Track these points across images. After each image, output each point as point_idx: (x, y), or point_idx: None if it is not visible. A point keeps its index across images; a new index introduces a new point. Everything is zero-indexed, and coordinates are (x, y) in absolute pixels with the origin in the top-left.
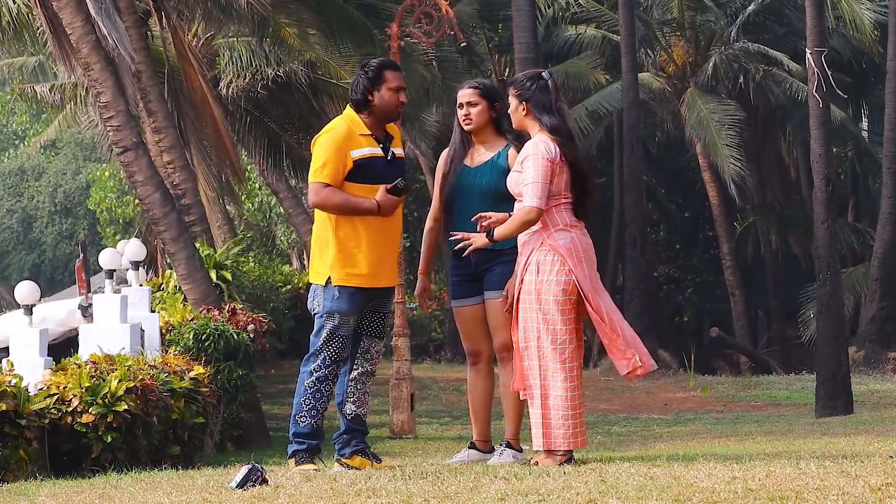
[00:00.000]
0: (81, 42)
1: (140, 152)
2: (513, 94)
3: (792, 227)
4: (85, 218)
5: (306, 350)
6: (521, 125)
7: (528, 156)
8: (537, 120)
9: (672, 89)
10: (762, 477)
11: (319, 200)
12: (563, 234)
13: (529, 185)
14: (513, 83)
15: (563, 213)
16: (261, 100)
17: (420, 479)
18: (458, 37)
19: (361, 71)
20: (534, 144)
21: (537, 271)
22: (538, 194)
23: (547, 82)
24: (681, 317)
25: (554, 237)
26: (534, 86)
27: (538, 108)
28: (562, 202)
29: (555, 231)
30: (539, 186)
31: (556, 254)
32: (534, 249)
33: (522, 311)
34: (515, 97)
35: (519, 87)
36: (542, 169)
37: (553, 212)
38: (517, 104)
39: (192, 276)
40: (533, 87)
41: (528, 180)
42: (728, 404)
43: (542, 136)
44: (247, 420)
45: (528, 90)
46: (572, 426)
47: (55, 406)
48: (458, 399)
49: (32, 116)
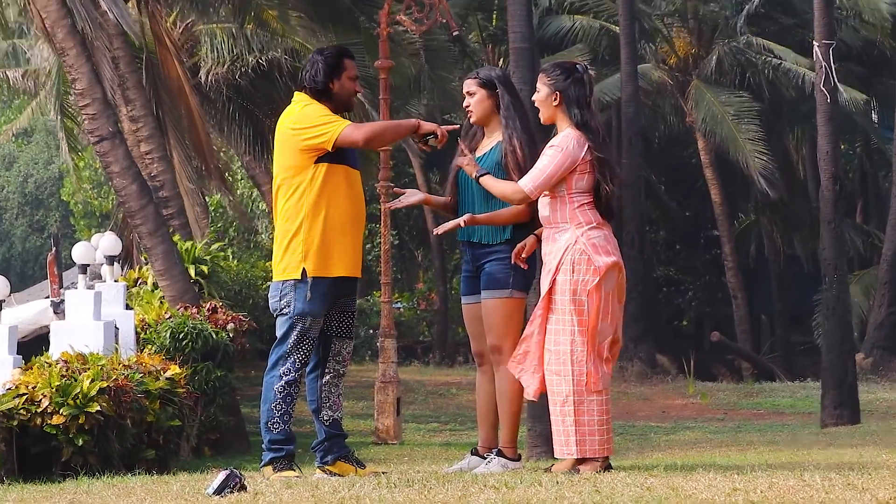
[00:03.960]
0: (56, 26)
1: (117, 142)
2: (545, 83)
3: (797, 228)
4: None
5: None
6: (551, 117)
7: (554, 146)
8: (568, 113)
9: (674, 82)
10: (764, 489)
11: (366, 133)
12: (597, 231)
13: (536, 170)
14: (544, 71)
15: (593, 211)
16: (243, 88)
17: (406, 488)
18: (450, 25)
19: (320, 57)
20: (563, 138)
21: (572, 270)
22: (537, 183)
23: (582, 76)
24: (680, 320)
25: (588, 234)
26: (569, 77)
27: (570, 102)
28: (591, 200)
29: (589, 229)
30: (543, 177)
31: (592, 252)
32: (568, 247)
33: (556, 312)
34: (548, 86)
35: (552, 77)
36: (558, 163)
37: (585, 209)
38: (548, 93)
39: (170, 271)
40: (568, 78)
41: (538, 166)
42: (729, 412)
43: (573, 133)
44: (225, 423)
45: (561, 81)
46: (606, 431)
47: (24, 406)
48: (446, 403)
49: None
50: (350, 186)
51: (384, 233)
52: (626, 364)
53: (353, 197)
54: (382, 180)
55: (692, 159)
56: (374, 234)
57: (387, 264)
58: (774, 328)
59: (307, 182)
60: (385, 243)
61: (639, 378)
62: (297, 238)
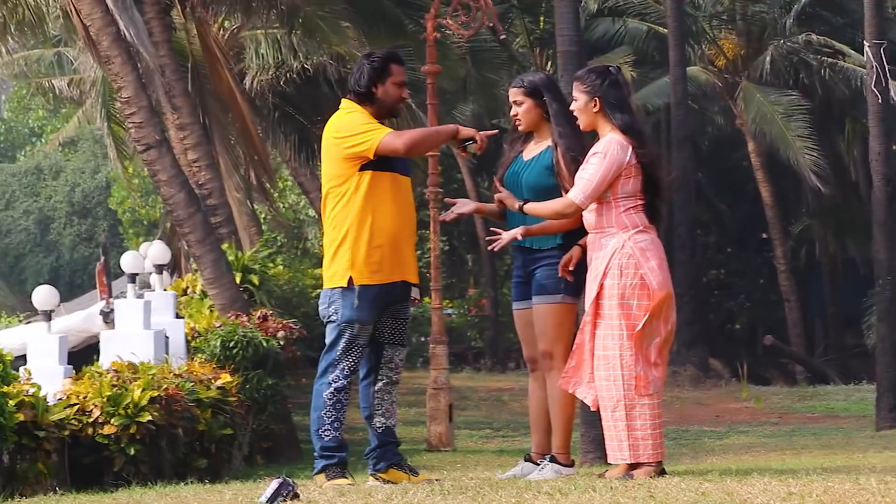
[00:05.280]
0: (101, 34)
1: (163, 150)
2: (581, 90)
3: (850, 230)
4: (105, 219)
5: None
6: (592, 123)
7: (598, 153)
8: (609, 118)
9: (723, 84)
10: (819, 493)
11: (407, 141)
12: (644, 235)
13: (583, 180)
14: (579, 78)
15: (639, 214)
16: (289, 94)
17: (460, 494)
18: (497, 29)
19: (366, 62)
20: (606, 143)
21: (620, 275)
22: (587, 193)
23: (617, 78)
24: (733, 324)
25: (635, 238)
26: (605, 82)
27: (610, 106)
28: (637, 204)
29: (635, 233)
30: (592, 186)
31: (640, 256)
32: (615, 252)
33: (604, 317)
34: (585, 93)
35: (588, 83)
36: (604, 170)
37: (631, 213)
38: (587, 101)
39: (219, 280)
40: (604, 83)
41: (584, 175)
42: (783, 416)
43: (616, 137)
44: (277, 432)
45: (598, 86)
46: (659, 435)
47: (75, 417)
48: (499, 410)
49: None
50: (398, 193)
51: (434, 239)
52: (679, 369)
53: (402, 204)
54: (431, 186)
55: (743, 162)
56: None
57: (437, 270)
58: (828, 331)
59: (353, 190)
60: (435, 249)
61: (692, 382)
62: (343, 246)
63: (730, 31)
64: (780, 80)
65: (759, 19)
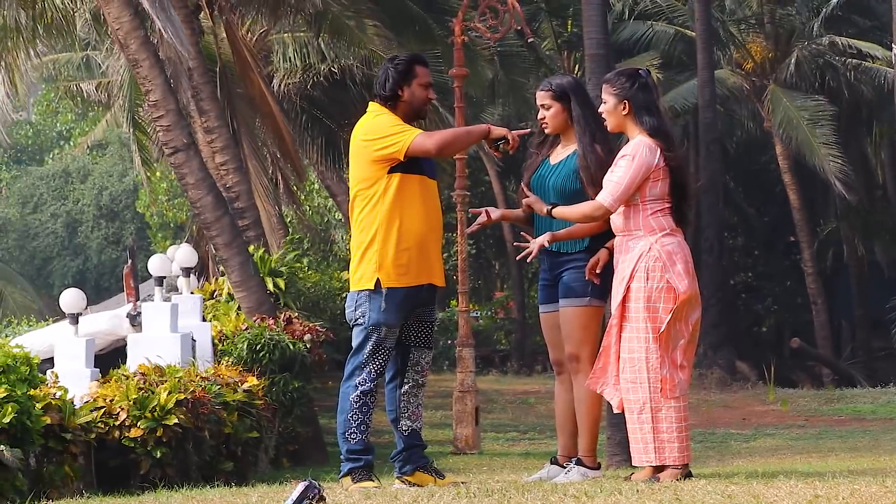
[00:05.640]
0: (129, 38)
1: (191, 153)
2: (611, 93)
3: (877, 233)
4: (132, 222)
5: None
6: (621, 126)
7: (626, 156)
8: (638, 121)
9: (750, 87)
10: (846, 496)
11: (438, 141)
12: (670, 238)
13: (612, 182)
14: (608, 81)
15: (666, 217)
16: (316, 97)
17: (486, 497)
18: (525, 32)
19: (390, 65)
20: (635, 146)
21: (646, 278)
22: (616, 195)
23: (647, 80)
24: (760, 327)
25: (662, 241)
26: (634, 84)
27: (639, 109)
28: (664, 207)
29: (662, 236)
30: (621, 189)
31: (666, 260)
32: (641, 255)
33: (630, 319)
34: (614, 96)
35: (618, 86)
36: (633, 173)
37: (658, 216)
38: (616, 103)
39: (246, 283)
40: (633, 85)
41: (613, 178)
42: (810, 419)
43: (645, 140)
44: (303, 435)
45: (628, 89)
46: (685, 438)
47: (102, 420)
48: (525, 413)
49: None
50: (426, 196)
51: (461, 242)
52: (706, 371)
53: (430, 206)
54: (458, 189)
55: (770, 165)
56: (450, 243)
57: (464, 273)
58: (855, 334)
59: (381, 192)
60: (462, 252)
61: (718, 385)
62: (371, 248)
63: (758, 35)
64: (806, 83)
65: (787, 22)
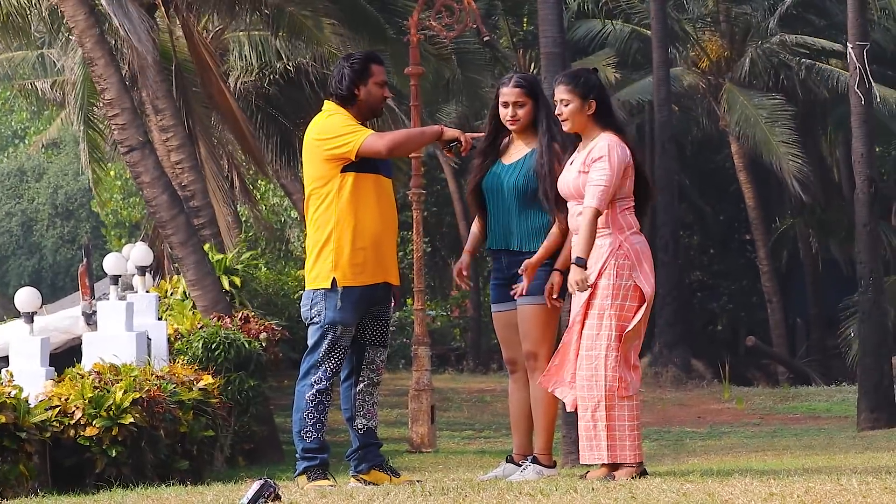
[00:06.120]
0: (85, 35)
1: (146, 152)
2: (572, 93)
3: (832, 231)
4: (87, 221)
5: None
6: (582, 126)
7: (603, 157)
8: (603, 120)
9: (706, 85)
10: (801, 493)
11: (389, 142)
12: (638, 237)
13: (596, 186)
14: (566, 82)
15: (633, 215)
16: (271, 96)
17: (441, 496)
18: (480, 30)
19: (346, 63)
20: (608, 146)
21: (616, 275)
22: (603, 198)
23: (599, 79)
24: (715, 325)
25: (631, 240)
26: (596, 83)
27: (605, 108)
28: (631, 206)
29: (630, 234)
30: (607, 191)
31: (635, 259)
32: (612, 251)
33: (593, 317)
34: (579, 96)
35: (581, 86)
36: (615, 173)
37: (626, 214)
38: (581, 103)
39: (202, 281)
40: (596, 85)
41: (595, 181)
42: (765, 417)
43: (613, 138)
44: (259, 433)
45: (592, 88)
46: (638, 437)
47: (57, 419)
48: (481, 411)
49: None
50: (381, 195)
51: (416, 240)
52: (661, 369)
53: (385, 205)
54: (414, 187)
55: (726, 163)
56: (406, 241)
57: (419, 272)
58: (810, 332)
59: (335, 191)
60: (417, 251)
61: (674, 383)
62: (327, 247)
63: (713, 33)
64: (761, 82)
65: (742, 21)
